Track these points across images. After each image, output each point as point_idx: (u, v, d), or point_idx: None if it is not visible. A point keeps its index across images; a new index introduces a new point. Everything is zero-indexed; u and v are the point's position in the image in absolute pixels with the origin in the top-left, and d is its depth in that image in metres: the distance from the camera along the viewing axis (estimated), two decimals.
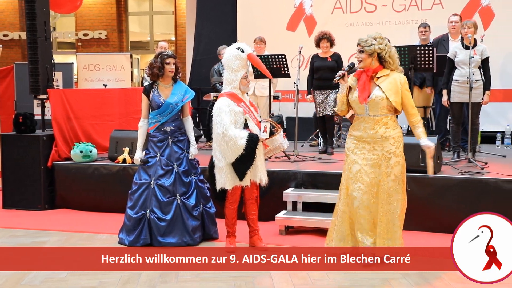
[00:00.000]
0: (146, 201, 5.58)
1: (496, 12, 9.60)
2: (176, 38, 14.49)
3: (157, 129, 5.64)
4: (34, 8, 7.42)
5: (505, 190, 5.95)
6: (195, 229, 5.63)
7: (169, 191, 5.57)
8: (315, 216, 6.11)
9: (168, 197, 5.56)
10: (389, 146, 4.71)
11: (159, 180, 5.57)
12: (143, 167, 5.67)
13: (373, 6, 10.28)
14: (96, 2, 14.97)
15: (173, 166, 5.62)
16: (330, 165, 7.17)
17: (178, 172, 5.62)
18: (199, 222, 5.68)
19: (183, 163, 5.67)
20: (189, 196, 5.66)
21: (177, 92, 5.64)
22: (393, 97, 4.67)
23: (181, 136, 5.71)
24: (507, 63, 9.26)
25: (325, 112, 8.00)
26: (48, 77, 7.61)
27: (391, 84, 4.70)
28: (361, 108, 4.77)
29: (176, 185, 5.60)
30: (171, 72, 5.59)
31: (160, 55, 5.58)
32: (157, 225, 5.51)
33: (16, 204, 7.39)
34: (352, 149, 4.86)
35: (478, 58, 7.02)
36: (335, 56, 7.96)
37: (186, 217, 5.58)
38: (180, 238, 5.53)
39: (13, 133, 7.59)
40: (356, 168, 4.80)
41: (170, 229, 5.54)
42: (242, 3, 11.12)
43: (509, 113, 9.42)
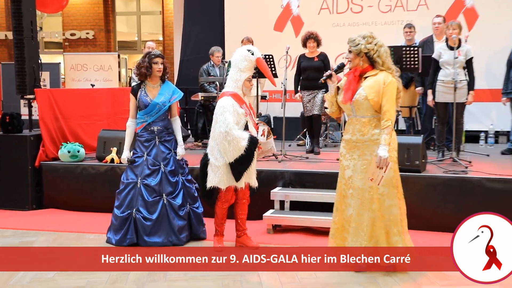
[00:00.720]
0: (133, 200, 5.56)
1: (480, 13, 9.68)
2: (164, 38, 14.45)
3: (144, 129, 5.62)
4: (20, 7, 7.38)
5: (488, 188, 6.00)
6: (181, 229, 5.61)
7: (155, 191, 5.55)
8: (303, 215, 6.12)
9: (154, 197, 5.54)
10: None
11: (146, 179, 5.55)
12: (131, 166, 5.65)
13: (360, 7, 10.33)
14: (83, 1, 14.89)
15: (160, 166, 5.60)
16: (317, 164, 7.19)
17: (164, 172, 5.60)
18: (185, 222, 5.66)
19: (170, 163, 5.65)
20: (176, 196, 5.64)
21: (164, 92, 5.62)
22: (373, 96, 4.49)
23: (168, 136, 5.68)
24: (491, 63, 9.33)
25: (312, 112, 8.02)
26: (35, 77, 7.57)
27: (374, 83, 4.54)
28: (349, 109, 4.67)
29: (162, 185, 5.58)
30: (159, 71, 5.57)
31: (147, 55, 5.56)
32: (142, 225, 5.49)
33: (3, 204, 7.34)
34: (344, 154, 4.72)
35: (463, 59, 7.07)
36: (322, 56, 7.98)
37: (172, 216, 5.56)
38: (166, 238, 5.51)
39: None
40: (348, 174, 4.67)
41: (156, 229, 5.52)
42: (229, 3, 11.13)
43: (493, 113, 9.49)
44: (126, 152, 5.61)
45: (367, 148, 4.57)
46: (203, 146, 9.05)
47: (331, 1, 10.48)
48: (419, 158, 6.20)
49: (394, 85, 4.55)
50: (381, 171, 4.40)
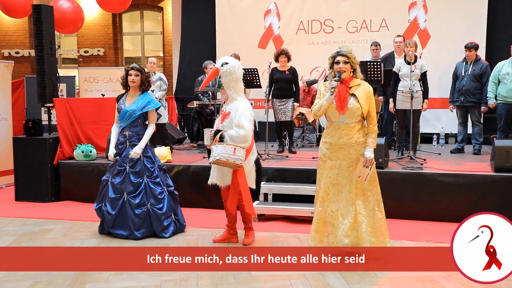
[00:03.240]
0: (104, 196, 5.46)
1: (431, 34, 9.75)
2: (164, 54, 14.37)
3: (121, 133, 5.43)
4: (41, 29, 7.32)
5: (440, 182, 6.03)
6: (137, 225, 5.31)
7: (117, 189, 5.38)
8: (284, 205, 6.11)
9: (116, 194, 5.38)
10: (363, 150, 4.35)
11: (114, 178, 5.41)
12: (109, 166, 5.53)
13: (331, 28, 10.33)
14: (95, 23, 14.80)
15: (125, 167, 5.38)
16: (296, 162, 7.17)
17: (128, 173, 5.37)
18: (141, 220, 5.32)
19: (136, 165, 5.38)
20: (136, 196, 5.35)
21: (138, 102, 5.36)
22: (365, 105, 4.29)
23: (138, 141, 5.35)
24: (442, 76, 9.40)
25: (285, 118, 7.91)
26: (54, 88, 7.52)
27: (363, 93, 4.32)
28: (337, 116, 4.36)
29: (125, 184, 5.36)
30: (132, 82, 5.35)
31: (126, 69, 5.45)
32: (106, 218, 5.40)
33: (26, 197, 7.30)
34: (328, 155, 4.43)
35: (418, 72, 7.11)
36: (292, 69, 7.91)
37: (129, 213, 5.33)
38: (128, 231, 5.33)
39: (23, 136, 7.47)
40: (334, 172, 4.41)
41: (118, 222, 5.36)
42: (220, 25, 11.09)
43: (443, 118, 9.55)
44: (111, 150, 5.40)
45: (352, 148, 4.36)
46: (198, 147, 9.01)
47: (306, 22, 10.48)
48: (382, 157, 6.20)
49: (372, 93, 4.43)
50: (367, 169, 4.32)
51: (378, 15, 10.04)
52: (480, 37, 9.32)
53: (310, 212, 5.85)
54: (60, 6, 10.59)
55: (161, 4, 14.40)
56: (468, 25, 9.52)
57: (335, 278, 4.15)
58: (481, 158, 7.39)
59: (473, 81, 7.65)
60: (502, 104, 7.41)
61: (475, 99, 7.68)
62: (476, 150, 7.80)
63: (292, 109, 7.88)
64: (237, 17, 10.95)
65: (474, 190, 5.90)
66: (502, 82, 7.38)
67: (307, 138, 9.47)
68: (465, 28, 9.51)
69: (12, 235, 5.54)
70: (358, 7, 10.18)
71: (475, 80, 7.65)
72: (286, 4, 10.62)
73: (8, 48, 15.41)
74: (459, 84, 7.77)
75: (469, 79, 7.67)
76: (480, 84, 7.66)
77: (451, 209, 5.91)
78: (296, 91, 7.92)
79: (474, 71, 7.67)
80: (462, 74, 7.74)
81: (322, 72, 9.97)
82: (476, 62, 7.74)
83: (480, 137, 7.86)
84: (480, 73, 7.65)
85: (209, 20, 11.24)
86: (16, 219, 6.26)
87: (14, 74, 9.06)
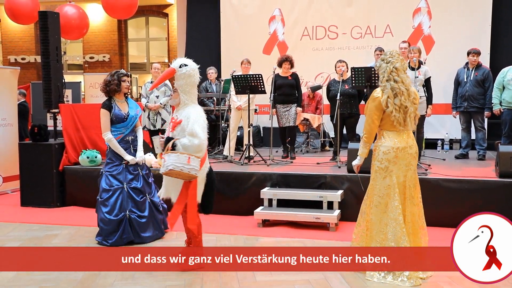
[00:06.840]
0: (123, 203, 5.34)
1: (436, 40, 9.76)
2: (169, 60, 14.43)
3: (121, 139, 5.42)
4: (47, 35, 7.38)
5: (444, 187, 6.03)
6: (162, 221, 5.57)
7: (141, 192, 5.43)
8: (288, 211, 6.11)
9: (141, 197, 5.43)
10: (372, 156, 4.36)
11: (131, 183, 5.39)
12: (111, 175, 5.38)
13: (335, 34, 10.36)
14: (100, 30, 14.88)
15: (139, 171, 5.47)
16: (300, 167, 7.18)
17: (143, 175, 5.50)
18: (163, 215, 5.60)
19: (144, 167, 5.56)
20: (154, 195, 5.54)
21: (133, 106, 5.52)
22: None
23: (137, 143, 5.53)
24: (447, 82, 9.39)
25: (289, 124, 7.94)
26: (60, 94, 7.56)
27: None
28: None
29: (145, 186, 5.48)
30: (127, 88, 5.45)
31: (116, 74, 5.44)
32: (138, 223, 5.33)
33: (32, 202, 7.32)
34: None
35: (422, 78, 7.13)
36: (294, 75, 7.95)
37: (156, 212, 5.50)
38: (153, 232, 5.42)
39: (29, 141, 7.51)
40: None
41: (148, 225, 5.41)
42: (225, 31, 11.13)
43: (448, 123, 9.54)
44: (129, 156, 5.37)
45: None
46: None
47: (311, 28, 10.51)
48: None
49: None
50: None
51: (382, 21, 10.06)
52: (484, 42, 9.34)
53: (314, 218, 5.86)
54: (65, 12, 10.66)
55: (166, 10, 14.48)
56: (472, 30, 9.54)
57: (340, 284, 4.15)
58: (486, 163, 7.38)
59: (476, 87, 7.67)
60: (507, 110, 7.42)
61: (478, 104, 7.69)
62: (480, 156, 7.79)
63: (295, 114, 7.90)
64: (242, 23, 10.99)
65: (479, 195, 5.89)
66: (507, 88, 7.39)
67: (311, 144, 9.48)
68: (470, 34, 9.52)
69: (18, 241, 5.55)
70: (362, 13, 10.21)
71: (477, 86, 7.68)
72: (291, 10, 10.65)
73: (15, 54, 15.52)
74: (462, 90, 7.79)
75: (471, 84, 7.69)
76: (482, 90, 7.68)
77: (455, 214, 5.87)
78: (298, 96, 7.96)
79: (476, 77, 7.69)
80: (465, 80, 7.77)
81: (327, 78, 9.98)
82: (478, 67, 7.76)
83: (484, 143, 7.86)
84: (482, 78, 7.68)
85: (214, 26, 11.28)
86: (22, 225, 6.28)
87: (20, 80, 9.13)
